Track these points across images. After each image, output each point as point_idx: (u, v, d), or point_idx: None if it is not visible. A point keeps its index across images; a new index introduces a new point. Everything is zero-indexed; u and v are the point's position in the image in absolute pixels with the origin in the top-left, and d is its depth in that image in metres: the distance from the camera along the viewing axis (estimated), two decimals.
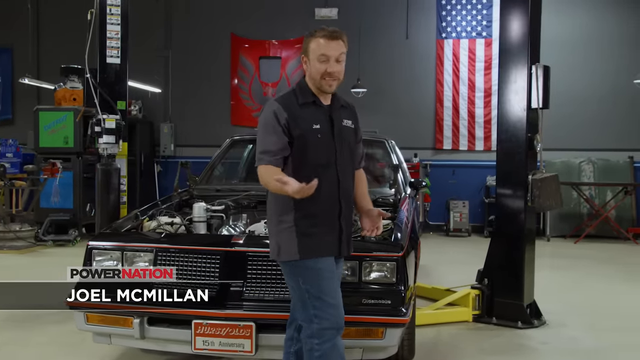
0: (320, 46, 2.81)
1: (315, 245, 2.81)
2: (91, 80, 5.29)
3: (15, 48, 12.73)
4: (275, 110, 2.82)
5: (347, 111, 3.02)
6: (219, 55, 12.32)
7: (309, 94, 2.89)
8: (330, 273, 2.84)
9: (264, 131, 2.85)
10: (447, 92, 11.57)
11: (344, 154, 2.91)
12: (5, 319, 5.08)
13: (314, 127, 2.83)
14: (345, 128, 2.96)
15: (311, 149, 2.81)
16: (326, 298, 2.79)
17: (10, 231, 8.66)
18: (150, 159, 12.20)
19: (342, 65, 2.86)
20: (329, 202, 2.84)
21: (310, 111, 2.87)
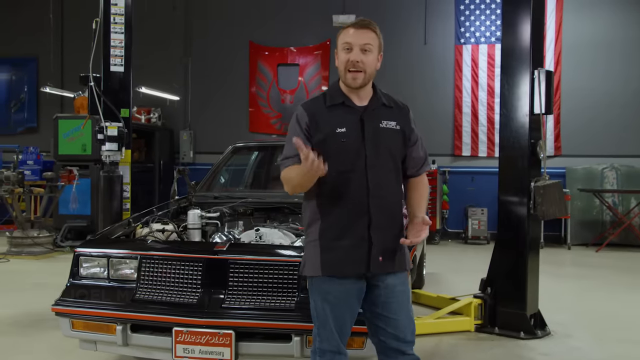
0: (345, 35, 2.66)
1: (338, 261, 2.58)
2: (95, 88, 5.35)
3: (40, 57, 13.00)
4: (298, 115, 2.69)
5: (390, 111, 2.72)
6: (238, 62, 12.40)
7: (338, 94, 2.69)
8: (343, 299, 2.61)
9: (288, 136, 2.71)
10: (466, 98, 11.45)
11: (380, 159, 2.63)
12: (10, 323, 5.16)
13: (337, 131, 2.60)
14: (385, 130, 2.66)
15: (333, 153, 2.56)
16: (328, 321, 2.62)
17: (29, 237, 8.81)
18: (170, 166, 12.31)
19: (368, 56, 2.62)
20: (355, 212, 2.58)
21: (338, 113, 2.65)
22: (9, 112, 13.47)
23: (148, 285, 3.40)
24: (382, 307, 2.67)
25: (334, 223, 2.60)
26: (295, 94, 12.27)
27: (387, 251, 2.64)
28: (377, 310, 2.68)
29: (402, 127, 2.72)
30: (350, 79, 2.63)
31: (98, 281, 3.53)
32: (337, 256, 2.58)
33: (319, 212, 2.63)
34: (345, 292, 2.62)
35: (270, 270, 3.31)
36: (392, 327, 2.68)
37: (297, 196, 4.60)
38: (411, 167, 2.78)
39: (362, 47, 2.61)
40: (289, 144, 2.65)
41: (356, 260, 2.58)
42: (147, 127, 11.94)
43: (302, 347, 3.16)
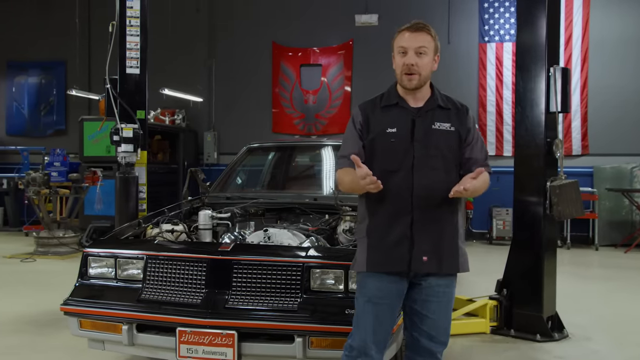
0: (400, 39, 2.70)
1: (381, 258, 2.66)
2: (111, 90, 5.41)
3: (68, 61, 13.23)
4: (354, 114, 2.80)
5: (446, 112, 2.74)
6: (261, 63, 12.45)
7: (393, 95, 2.75)
8: (382, 297, 2.67)
9: (345, 136, 2.83)
10: (490, 96, 11.31)
11: (429, 160, 2.65)
12: (28, 322, 5.25)
13: (387, 131, 2.67)
14: (437, 131, 2.68)
15: (380, 153, 2.68)
16: (362, 320, 2.70)
17: (55, 237, 8.97)
18: (195, 167, 12.35)
19: (424, 58, 2.66)
20: (398, 211, 2.64)
21: (391, 114, 2.71)
22: (39, 115, 13.75)
23: (154, 285, 3.42)
24: (421, 304, 2.72)
25: (380, 221, 2.68)
26: (318, 95, 12.27)
27: (433, 252, 2.65)
28: (416, 307, 2.72)
29: (457, 128, 2.72)
30: (406, 80, 2.68)
31: (105, 281, 3.57)
32: (381, 254, 2.66)
33: (367, 210, 2.73)
34: (385, 290, 2.68)
35: (274, 271, 3.30)
36: (427, 326, 2.72)
37: (308, 197, 4.71)
38: (466, 168, 2.74)
39: (417, 50, 2.66)
40: (345, 142, 2.79)
41: (397, 258, 2.64)
42: (172, 129, 12.05)
43: (304, 348, 3.14)
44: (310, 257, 3.34)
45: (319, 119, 12.24)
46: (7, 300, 6.12)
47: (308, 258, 3.32)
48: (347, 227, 4.06)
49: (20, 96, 13.86)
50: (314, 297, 3.25)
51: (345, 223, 4.09)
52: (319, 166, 5.71)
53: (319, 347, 3.15)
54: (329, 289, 3.28)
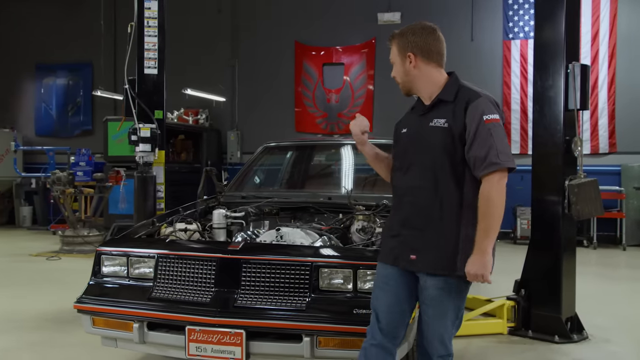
0: None
1: (381, 249, 2.85)
2: (129, 90, 5.47)
3: (95, 63, 13.43)
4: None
5: (445, 107, 2.62)
6: (284, 63, 12.48)
7: (417, 101, 2.83)
8: (382, 283, 2.75)
9: None
10: (515, 94, 11.16)
11: (421, 159, 2.63)
12: (50, 319, 5.34)
13: (402, 132, 2.81)
14: (433, 129, 2.60)
15: (396, 153, 2.83)
16: (371, 305, 2.79)
17: (79, 236, 9.11)
18: (218, 167, 12.48)
19: (395, 67, 2.81)
20: (394, 208, 2.81)
21: (409, 116, 2.85)
22: (67, 115, 14.00)
23: (164, 283, 3.45)
24: (421, 306, 2.75)
25: (389, 216, 2.88)
26: (340, 94, 12.26)
27: (422, 251, 2.59)
28: (421, 308, 2.77)
29: (450, 124, 2.57)
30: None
31: (118, 279, 3.60)
32: (382, 246, 2.86)
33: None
34: (389, 276, 2.74)
35: (283, 270, 3.29)
36: (425, 328, 2.74)
37: (323, 196, 4.69)
38: (472, 168, 2.56)
39: (392, 62, 2.83)
40: None
41: (389, 253, 2.75)
42: (195, 128, 12.15)
43: (312, 347, 3.13)
44: (319, 256, 3.32)
45: (342, 118, 12.22)
46: (31, 297, 6.24)
47: (316, 257, 3.31)
48: (360, 227, 4.04)
49: (48, 98, 14.13)
50: (322, 296, 3.24)
51: (359, 222, 4.07)
52: (337, 165, 5.69)
53: (326, 347, 3.14)
54: (337, 288, 3.26)
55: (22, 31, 13.91)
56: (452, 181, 2.59)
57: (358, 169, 5.27)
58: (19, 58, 14.02)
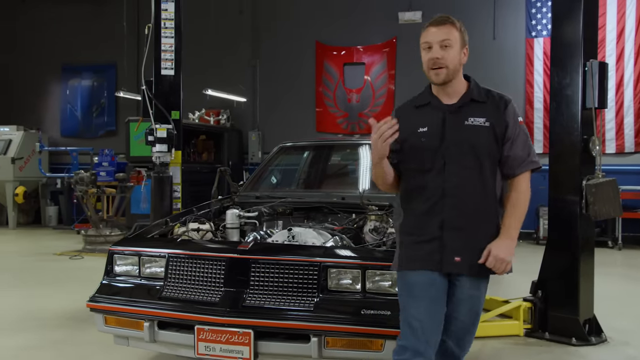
0: (424, 34, 2.65)
1: (411, 256, 2.63)
2: (146, 91, 5.53)
3: (119, 64, 13.59)
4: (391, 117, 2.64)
5: (481, 107, 2.64)
6: (304, 63, 12.50)
7: (426, 94, 2.71)
8: (422, 291, 2.60)
9: None
10: (538, 93, 11.01)
11: (461, 158, 2.58)
12: (69, 317, 5.43)
13: (419, 131, 2.63)
14: (470, 127, 2.59)
15: (411, 153, 2.64)
16: (408, 317, 2.61)
17: (101, 235, 9.24)
18: (239, 166, 12.55)
19: (449, 51, 2.58)
20: (429, 211, 2.60)
21: (423, 112, 2.67)
22: (91, 116, 14.20)
23: (174, 283, 3.48)
24: (452, 306, 2.67)
25: (412, 220, 2.66)
26: (361, 93, 12.23)
27: (465, 253, 2.59)
28: (448, 308, 2.67)
29: (493, 123, 2.61)
30: (433, 75, 2.62)
31: (130, 278, 3.65)
32: (412, 253, 2.63)
33: (401, 209, 2.71)
34: (426, 283, 2.60)
35: (291, 270, 3.30)
36: (456, 329, 2.70)
37: (336, 196, 4.69)
38: (507, 166, 2.65)
39: (441, 43, 2.59)
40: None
41: (429, 258, 2.60)
42: (216, 129, 12.23)
43: (320, 348, 3.13)
44: (327, 256, 3.32)
45: (363, 118, 12.19)
46: (53, 296, 6.34)
47: (325, 258, 3.30)
48: (372, 227, 4.02)
49: (73, 99, 14.35)
50: (331, 296, 3.24)
51: (371, 222, 4.06)
52: (352, 165, 5.68)
53: (334, 347, 3.14)
54: (346, 288, 3.26)
55: (49, 33, 14.14)
56: (491, 179, 2.63)
57: None
58: (45, 60, 14.24)
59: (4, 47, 14.43)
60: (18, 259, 8.93)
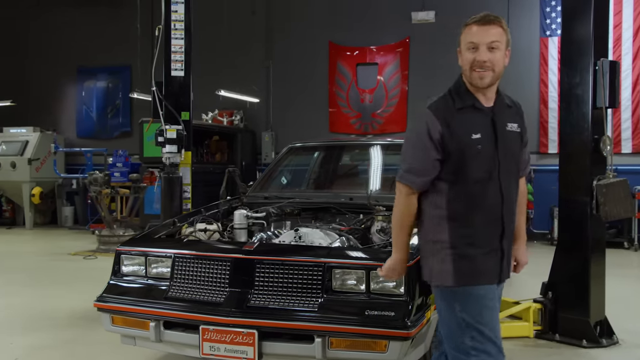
0: (469, 34, 2.49)
1: (473, 270, 2.48)
2: (157, 92, 5.56)
3: (134, 65, 13.68)
4: (428, 122, 2.47)
5: (512, 112, 2.60)
6: (318, 63, 12.51)
7: (466, 95, 2.51)
8: (492, 302, 2.52)
9: (411, 145, 2.55)
10: (552, 92, 10.91)
11: (509, 165, 2.53)
12: (81, 317, 5.47)
13: (473, 137, 2.44)
14: (510, 133, 2.54)
15: (470, 163, 2.44)
16: (486, 331, 2.46)
17: (115, 235, 9.31)
18: (253, 167, 12.58)
19: (496, 53, 2.45)
20: (489, 221, 2.50)
21: (469, 117, 2.48)
22: (106, 117, 14.33)
23: (180, 283, 3.49)
24: None
25: (467, 233, 2.49)
26: (374, 94, 12.21)
27: (510, 260, 2.62)
28: None
29: (522, 129, 2.62)
30: (477, 78, 2.47)
31: (136, 279, 3.67)
32: (471, 266, 2.48)
33: (448, 220, 2.51)
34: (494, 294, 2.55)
35: (296, 271, 3.30)
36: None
37: (344, 196, 4.68)
38: (520, 168, 2.69)
39: (489, 45, 2.46)
40: (413, 151, 2.54)
41: (489, 271, 2.52)
42: (230, 129, 12.28)
43: (323, 348, 3.12)
44: (332, 257, 3.31)
45: (376, 118, 12.18)
46: (67, 295, 6.40)
47: (329, 258, 3.30)
48: (379, 227, 4.02)
49: (89, 100, 14.49)
50: (335, 297, 3.23)
51: (378, 223, 4.05)
52: (362, 165, 5.67)
53: (338, 348, 3.13)
54: (350, 289, 3.25)
55: (64, 36, 14.28)
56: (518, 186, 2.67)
57: (383, 169, 5.24)
58: (61, 62, 14.39)
59: (21, 49, 14.61)
60: (34, 259, 9.03)
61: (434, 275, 2.57)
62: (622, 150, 10.35)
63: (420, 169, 2.49)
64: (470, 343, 2.46)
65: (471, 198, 2.48)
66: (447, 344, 2.59)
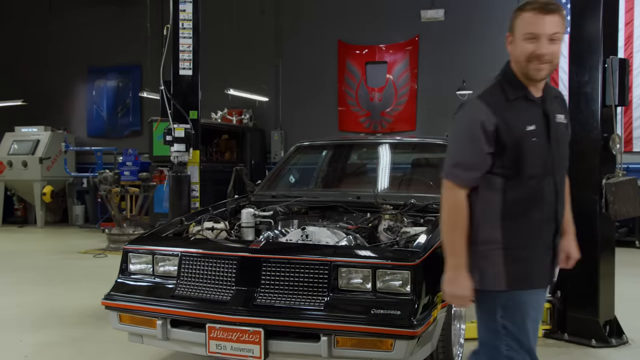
0: (527, 22, 2.27)
1: (527, 273, 2.31)
2: (165, 91, 5.58)
3: (144, 65, 13.75)
4: (481, 113, 2.29)
5: (559, 102, 2.45)
6: (327, 62, 12.51)
7: (518, 85, 2.34)
8: (536, 312, 2.38)
9: (461, 137, 2.37)
10: (563, 91, 10.58)
11: (561, 159, 2.40)
12: (90, 315, 5.51)
13: (528, 129, 2.28)
14: (560, 125, 2.39)
15: (526, 157, 2.28)
16: (525, 341, 2.32)
17: (125, 234, 9.35)
18: (262, 166, 12.61)
19: (556, 45, 2.28)
20: (545, 219, 2.34)
21: (522, 108, 2.32)
22: (116, 117, 14.41)
23: (187, 282, 3.50)
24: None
25: (525, 231, 2.33)
26: (383, 92, 12.20)
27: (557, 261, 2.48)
28: None
29: (567, 121, 2.48)
30: (534, 70, 2.29)
31: (144, 277, 3.69)
32: (526, 269, 2.32)
33: (502, 218, 2.33)
34: (537, 303, 2.41)
35: (302, 269, 3.30)
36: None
37: (352, 195, 4.67)
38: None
39: (551, 37, 2.26)
40: (463, 144, 2.35)
41: (542, 273, 2.38)
42: (239, 128, 12.31)
43: (329, 347, 3.12)
44: (338, 256, 3.31)
45: (385, 117, 12.16)
46: (77, 293, 6.45)
47: (335, 257, 3.29)
48: (386, 226, 4.01)
49: (99, 99, 14.58)
50: (341, 296, 3.23)
51: (385, 222, 4.04)
52: (370, 164, 5.67)
53: (344, 347, 3.12)
54: (356, 288, 3.24)
55: (76, 36, 14.37)
56: None
57: (392, 167, 5.23)
58: (72, 62, 14.49)
59: (33, 50, 14.71)
60: (45, 257, 9.11)
61: (486, 280, 2.34)
62: (633, 149, 10.27)
63: (470, 163, 2.31)
64: (505, 352, 2.32)
65: (527, 194, 2.31)
66: (481, 350, 2.45)
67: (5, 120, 13.75)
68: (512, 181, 2.30)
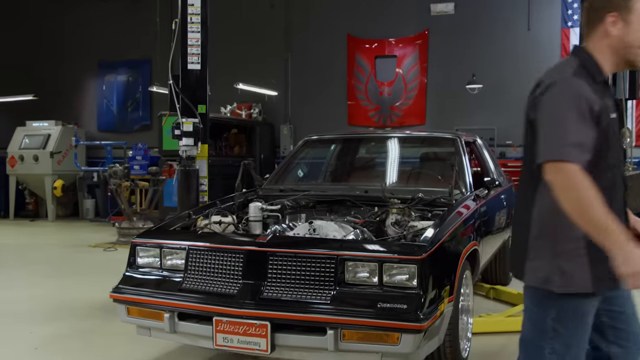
0: None
1: (607, 273, 2.01)
2: (173, 86, 5.60)
3: (154, 59, 13.78)
4: (586, 92, 2.03)
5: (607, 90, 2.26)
6: (336, 56, 12.50)
7: (599, 69, 2.13)
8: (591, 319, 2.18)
9: (573, 116, 2.01)
10: None
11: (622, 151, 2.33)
12: (99, 307, 5.54)
13: (612, 117, 2.12)
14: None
15: (611, 146, 2.11)
16: (573, 350, 2.15)
17: (134, 228, 9.39)
18: (271, 160, 12.62)
19: None
20: (620, 214, 2.11)
21: (604, 94, 2.10)
22: (126, 111, 14.47)
23: (194, 275, 3.52)
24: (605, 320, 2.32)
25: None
26: (393, 86, 12.17)
27: None
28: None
29: None
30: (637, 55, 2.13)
31: (151, 270, 3.71)
32: (607, 266, 2.00)
33: None
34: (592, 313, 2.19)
35: (309, 263, 3.30)
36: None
37: (360, 189, 4.67)
38: None
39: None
40: (576, 123, 2.00)
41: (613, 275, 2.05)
42: (248, 122, 12.32)
43: (336, 340, 3.12)
44: (344, 249, 3.31)
45: (394, 111, 12.13)
46: (86, 286, 6.50)
47: (342, 251, 3.30)
48: (394, 220, 4.00)
49: (109, 94, 14.63)
50: (347, 289, 3.23)
51: (393, 216, 4.04)
52: (378, 158, 5.66)
53: (351, 340, 3.13)
54: (363, 282, 3.25)
55: (86, 30, 14.42)
56: None
57: (400, 162, 5.23)
58: (82, 56, 14.54)
59: (43, 45, 14.78)
60: (56, 250, 9.18)
61: (564, 280, 2.09)
62: None
63: (588, 144, 2.00)
64: (548, 356, 2.15)
65: (609, 186, 2.09)
66: (522, 349, 2.28)
67: (17, 114, 13.83)
68: (597, 171, 2.04)
